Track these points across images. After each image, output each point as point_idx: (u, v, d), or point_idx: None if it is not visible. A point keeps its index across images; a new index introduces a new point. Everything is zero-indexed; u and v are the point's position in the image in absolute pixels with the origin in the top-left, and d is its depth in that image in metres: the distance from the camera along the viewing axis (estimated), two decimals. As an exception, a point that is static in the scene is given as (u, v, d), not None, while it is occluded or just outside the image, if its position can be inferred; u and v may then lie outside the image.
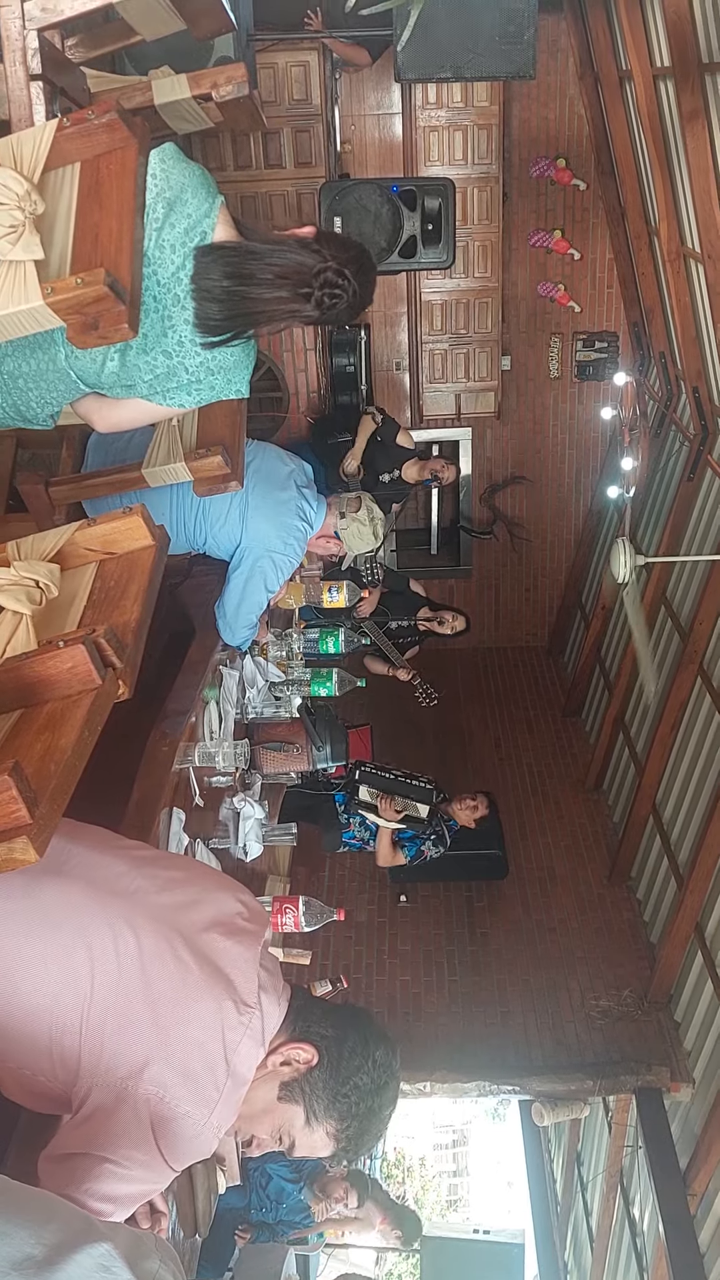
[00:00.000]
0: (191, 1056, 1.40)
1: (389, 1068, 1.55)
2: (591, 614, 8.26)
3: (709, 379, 6.16)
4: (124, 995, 1.40)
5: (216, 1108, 1.42)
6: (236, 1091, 1.46)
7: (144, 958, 1.42)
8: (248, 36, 5.19)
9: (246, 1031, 1.45)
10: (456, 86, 7.19)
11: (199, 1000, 1.43)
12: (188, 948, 1.45)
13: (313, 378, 7.07)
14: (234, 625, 3.39)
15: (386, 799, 5.12)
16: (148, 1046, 1.38)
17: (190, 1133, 1.40)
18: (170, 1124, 1.38)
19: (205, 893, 1.57)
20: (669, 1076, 5.58)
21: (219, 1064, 1.42)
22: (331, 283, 2.04)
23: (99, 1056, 1.38)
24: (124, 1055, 1.38)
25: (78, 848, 1.53)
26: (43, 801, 1.31)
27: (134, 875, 1.53)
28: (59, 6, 2.42)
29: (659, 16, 5.16)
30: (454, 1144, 24.03)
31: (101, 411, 2.26)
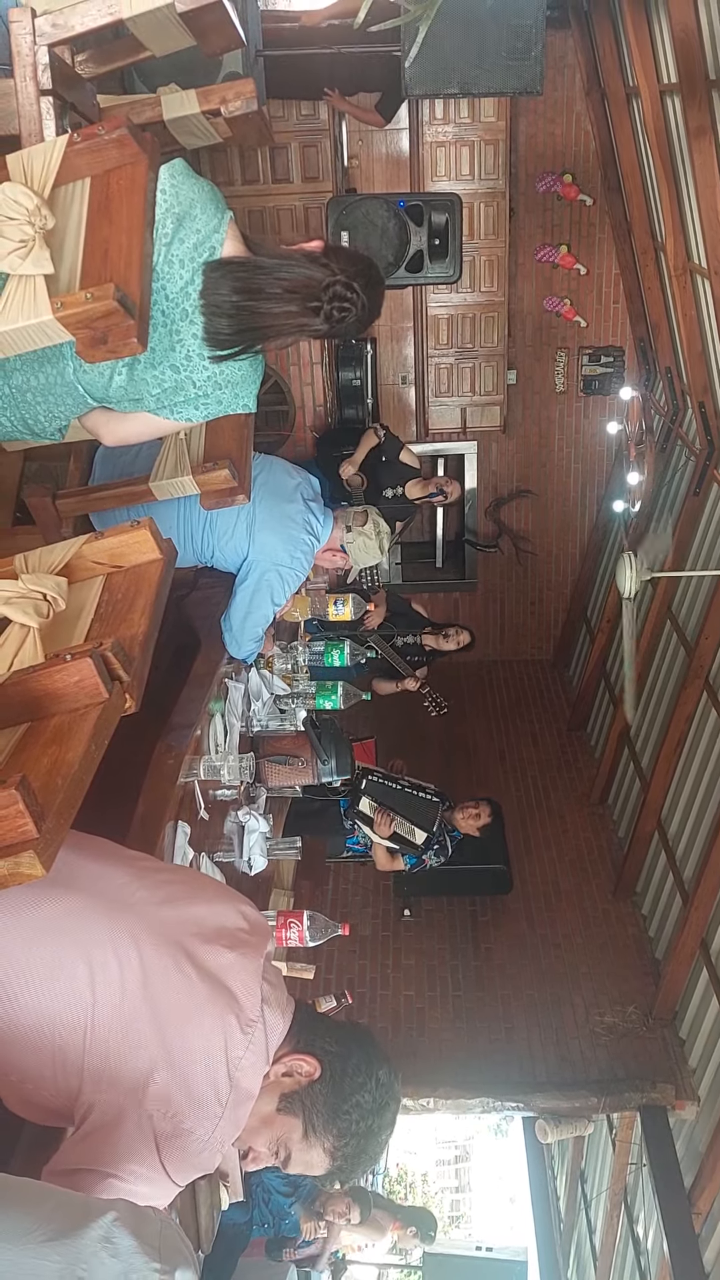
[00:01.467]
0: (195, 1071, 1.40)
1: (390, 1089, 1.54)
2: (596, 628, 8.25)
3: (715, 394, 6.17)
4: (127, 1009, 1.39)
5: (220, 1123, 1.41)
6: (240, 1106, 1.45)
7: (147, 971, 1.42)
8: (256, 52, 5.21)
9: (250, 1045, 1.45)
10: (464, 102, 7.23)
11: (202, 1014, 1.42)
12: (191, 961, 1.45)
13: (319, 391, 7.10)
14: (240, 638, 3.39)
15: (384, 815, 5.10)
16: (151, 1061, 1.38)
17: (194, 1148, 1.39)
18: (173, 1139, 1.37)
19: (208, 905, 1.56)
20: (674, 1094, 5.54)
21: (222, 1079, 1.42)
22: (340, 296, 2.04)
23: (101, 1070, 1.38)
24: (127, 1069, 1.37)
25: (81, 859, 1.53)
26: (49, 816, 1.31)
27: (137, 887, 1.52)
28: (69, 22, 2.44)
29: (666, 33, 5.18)
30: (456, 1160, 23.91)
31: (109, 425, 2.26)
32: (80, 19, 2.42)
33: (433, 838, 5.26)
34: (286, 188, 6.77)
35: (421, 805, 5.24)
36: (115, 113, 2.92)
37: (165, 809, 2.48)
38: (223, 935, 1.51)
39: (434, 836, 5.27)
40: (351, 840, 5.35)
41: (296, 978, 3.48)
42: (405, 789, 5.26)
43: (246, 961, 1.50)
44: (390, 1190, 16.79)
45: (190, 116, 3.09)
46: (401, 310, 7.92)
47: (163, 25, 2.55)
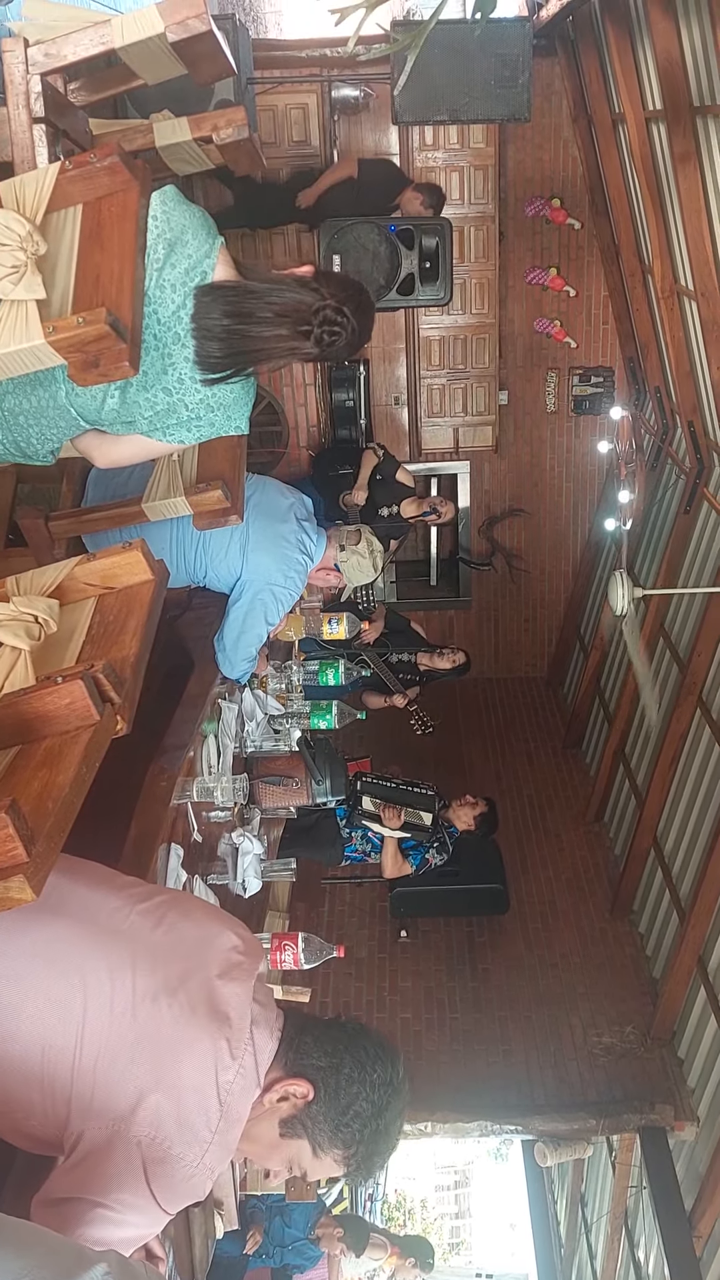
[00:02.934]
0: (184, 1098, 1.39)
1: (390, 1084, 1.53)
2: (590, 645, 8.26)
3: (704, 414, 6.21)
4: (116, 1036, 1.38)
5: (210, 1149, 1.40)
6: (230, 1132, 1.44)
7: (137, 997, 1.41)
8: (247, 80, 5.28)
9: (240, 1071, 1.44)
10: (453, 129, 7.30)
11: (192, 1040, 1.41)
12: (182, 986, 1.44)
13: (312, 412, 7.13)
14: (233, 658, 3.39)
15: (390, 807, 5.10)
16: (139, 1087, 1.37)
17: (183, 1175, 1.38)
18: (163, 1166, 1.36)
19: (200, 929, 1.56)
20: (673, 1115, 5.51)
21: (212, 1105, 1.41)
22: (330, 320, 2.06)
23: (90, 1098, 1.37)
24: (116, 1097, 1.36)
25: (72, 884, 1.52)
26: (39, 839, 1.30)
27: (128, 912, 1.52)
28: (62, 52, 2.47)
29: (650, 61, 5.25)
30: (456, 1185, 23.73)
31: (102, 448, 2.27)
32: (73, 48, 2.45)
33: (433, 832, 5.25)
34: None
35: (419, 798, 5.25)
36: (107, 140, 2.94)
37: (158, 831, 2.47)
38: (214, 959, 1.51)
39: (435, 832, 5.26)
40: (350, 849, 5.32)
41: (292, 1000, 3.46)
42: (400, 786, 5.26)
43: (238, 985, 1.49)
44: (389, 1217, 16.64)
45: (182, 143, 3.13)
46: (394, 332, 7.97)
47: (154, 54, 2.58)
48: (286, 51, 7.06)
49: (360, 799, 5.15)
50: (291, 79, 6.69)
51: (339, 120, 7.16)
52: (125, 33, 2.47)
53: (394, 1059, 1.55)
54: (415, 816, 5.18)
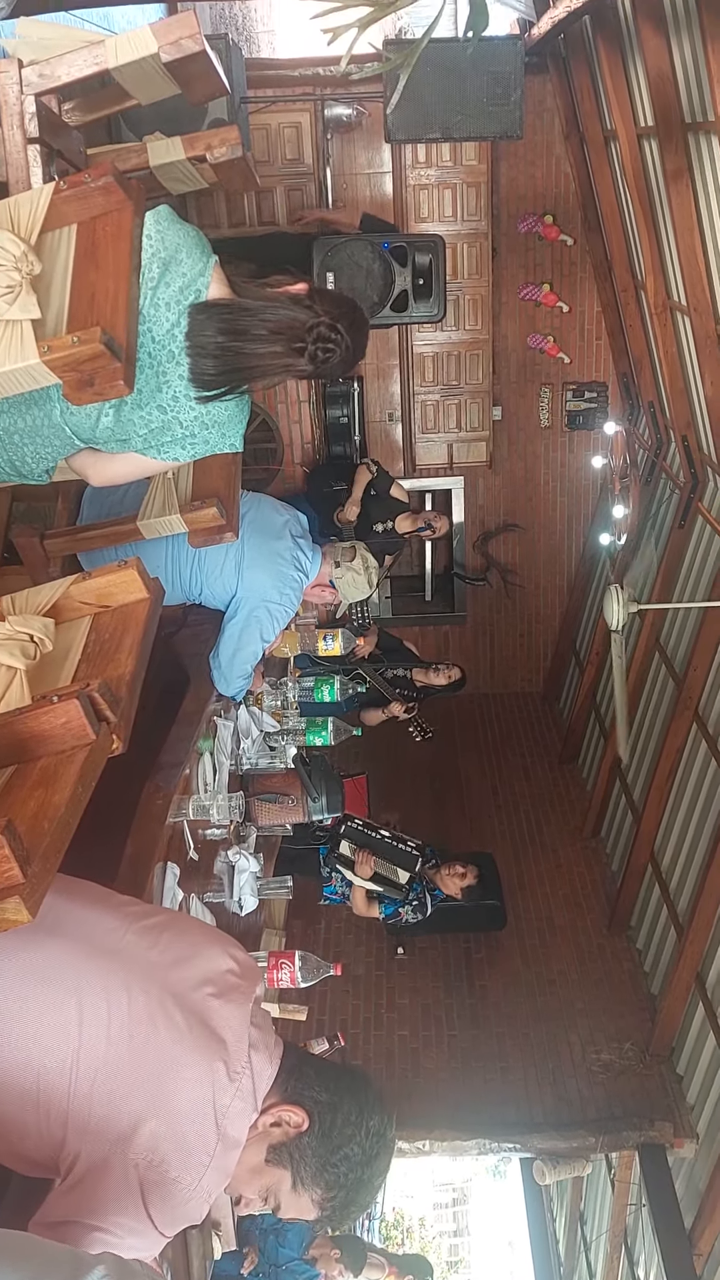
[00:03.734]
0: (182, 1120, 1.38)
1: (382, 1139, 1.51)
2: (586, 660, 8.27)
3: (698, 428, 6.23)
4: (113, 1057, 1.37)
5: (207, 1172, 1.39)
6: (227, 1155, 1.43)
7: (134, 1018, 1.40)
8: (241, 99, 5.30)
9: (238, 1094, 1.43)
10: (446, 146, 7.34)
11: (190, 1063, 1.40)
12: (179, 1007, 1.43)
13: (307, 429, 7.15)
14: (229, 675, 3.38)
15: (364, 854, 5.05)
16: (137, 1110, 1.36)
17: (181, 1198, 1.37)
18: (160, 1189, 1.35)
19: (197, 949, 1.55)
20: (672, 1132, 5.48)
21: (209, 1127, 1.40)
22: (324, 337, 2.07)
23: (87, 1120, 1.35)
24: (112, 1119, 1.35)
25: (68, 904, 1.51)
26: (35, 860, 1.30)
27: (125, 932, 1.51)
28: (56, 72, 2.48)
29: (642, 78, 5.28)
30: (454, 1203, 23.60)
31: (97, 466, 2.27)
32: (67, 69, 2.46)
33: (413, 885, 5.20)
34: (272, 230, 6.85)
35: (402, 855, 5.20)
36: (101, 160, 2.96)
37: (154, 850, 2.46)
38: (211, 980, 1.50)
39: (414, 885, 5.21)
40: (329, 889, 5.29)
41: (289, 1019, 3.44)
42: (386, 839, 5.21)
43: (235, 1007, 1.48)
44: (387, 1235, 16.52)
45: (176, 163, 3.14)
46: (387, 349, 7.99)
47: (148, 75, 2.60)
48: (280, 71, 7.10)
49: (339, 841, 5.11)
50: (285, 98, 6.73)
51: (332, 138, 7.19)
52: (119, 53, 2.49)
53: (389, 1115, 1.54)
54: (390, 871, 5.11)
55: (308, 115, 6.77)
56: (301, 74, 6.91)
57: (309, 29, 2.92)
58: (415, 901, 5.31)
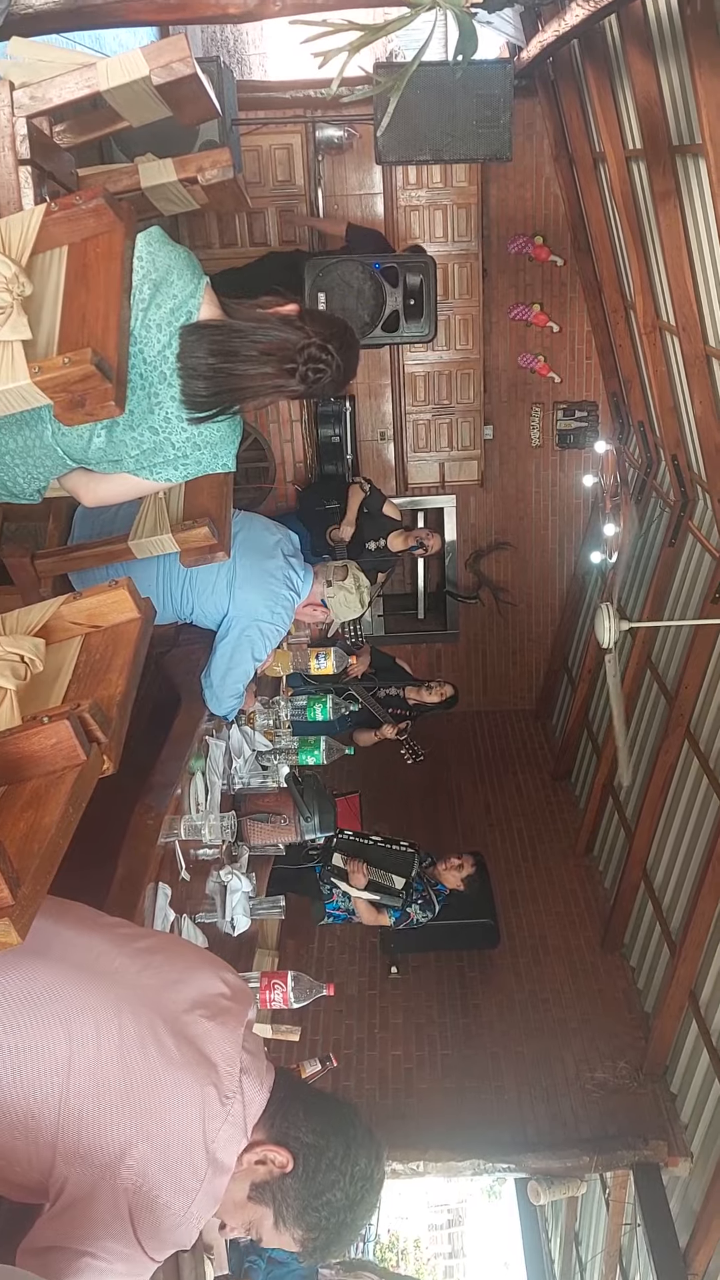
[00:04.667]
0: (172, 1145, 1.36)
1: (369, 1179, 1.49)
2: (578, 677, 8.28)
3: (687, 447, 6.26)
4: (103, 1081, 1.36)
5: (197, 1197, 1.38)
6: (217, 1180, 1.41)
7: (124, 1042, 1.39)
8: (232, 121, 5.34)
9: (228, 1119, 1.42)
10: (436, 168, 7.40)
11: (180, 1087, 1.39)
12: (169, 1031, 1.42)
13: (299, 448, 7.17)
14: (220, 695, 3.38)
15: (356, 863, 5.04)
16: (127, 1134, 1.35)
17: (170, 1223, 1.36)
18: (150, 1214, 1.34)
19: (188, 972, 1.54)
20: (666, 1151, 5.46)
21: (199, 1152, 1.39)
22: (315, 358, 2.07)
23: (76, 1144, 1.34)
24: (102, 1143, 1.34)
25: (58, 927, 1.50)
26: (25, 882, 1.29)
27: (115, 955, 1.50)
28: (47, 95, 2.50)
29: (630, 101, 5.34)
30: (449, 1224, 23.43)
31: (88, 486, 2.28)
32: (58, 91, 2.48)
33: (412, 887, 5.19)
34: (264, 250, 6.89)
35: (395, 856, 5.19)
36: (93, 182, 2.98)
37: (145, 871, 2.45)
38: (203, 1003, 1.49)
39: (413, 887, 5.20)
40: (331, 905, 5.28)
41: (282, 1040, 3.42)
42: (377, 844, 5.21)
43: (227, 1031, 1.47)
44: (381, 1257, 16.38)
45: (168, 184, 3.15)
46: (379, 368, 8.04)
47: (139, 97, 2.61)
48: (271, 93, 7.16)
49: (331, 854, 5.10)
50: (276, 120, 6.78)
51: (323, 160, 7.25)
52: (110, 76, 2.50)
53: (378, 1152, 1.52)
54: (384, 878, 5.10)
55: (299, 137, 6.82)
56: (293, 96, 6.97)
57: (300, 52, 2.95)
58: (421, 900, 5.29)
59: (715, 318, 5.09)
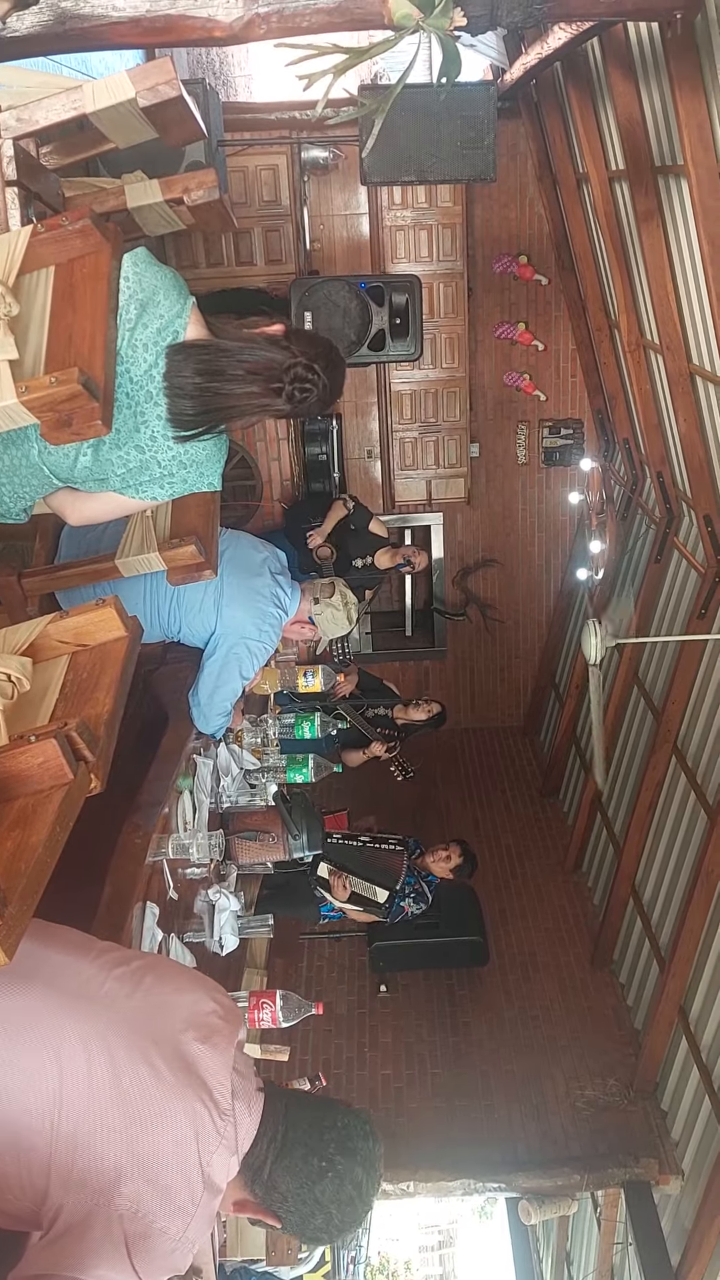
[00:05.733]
0: (166, 1169, 1.36)
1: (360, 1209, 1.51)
2: (565, 694, 8.29)
3: (672, 464, 6.30)
4: (95, 1106, 1.35)
5: (192, 1221, 1.37)
6: (211, 1203, 1.41)
7: (115, 1066, 1.38)
8: (218, 142, 5.37)
9: (221, 1141, 1.42)
10: (421, 188, 7.45)
11: (173, 1110, 1.39)
12: (161, 1053, 1.42)
13: (286, 466, 7.18)
14: (208, 713, 3.38)
15: (338, 876, 5.02)
16: (120, 1159, 1.34)
17: (165, 1248, 1.35)
18: (145, 1240, 1.33)
19: (178, 993, 1.53)
20: (657, 1168, 5.43)
21: (195, 1175, 1.38)
22: (301, 377, 2.09)
23: (69, 1171, 1.33)
24: (95, 1169, 1.33)
25: (44, 950, 1.50)
26: (12, 902, 1.28)
27: (104, 979, 1.49)
28: (34, 117, 2.51)
29: (612, 122, 5.40)
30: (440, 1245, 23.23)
31: (75, 505, 2.28)
32: (45, 114, 2.49)
33: (398, 892, 5.17)
34: (250, 270, 6.93)
35: (383, 858, 5.18)
36: (79, 202, 2.99)
37: (133, 890, 2.44)
38: (193, 1025, 1.48)
39: (400, 890, 5.18)
40: (325, 907, 5.26)
41: (271, 1059, 3.40)
42: (366, 844, 5.19)
43: (217, 1053, 1.47)
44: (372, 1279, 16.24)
45: (154, 205, 3.17)
46: (366, 386, 8.07)
47: (125, 119, 2.62)
48: (256, 114, 7.21)
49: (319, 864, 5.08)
50: (261, 141, 6.82)
51: (309, 180, 7.30)
52: (97, 98, 2.51)
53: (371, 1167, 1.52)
54: (368, 890, 5.07)
55: (284, 158, 6.86)
56: (278, 117, 7.02)
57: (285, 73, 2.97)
58: (414, 893, 5.27)
59: (698, 335, 5.14)
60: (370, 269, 7.66)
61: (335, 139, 7.04)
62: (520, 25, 2.92)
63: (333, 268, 7.65)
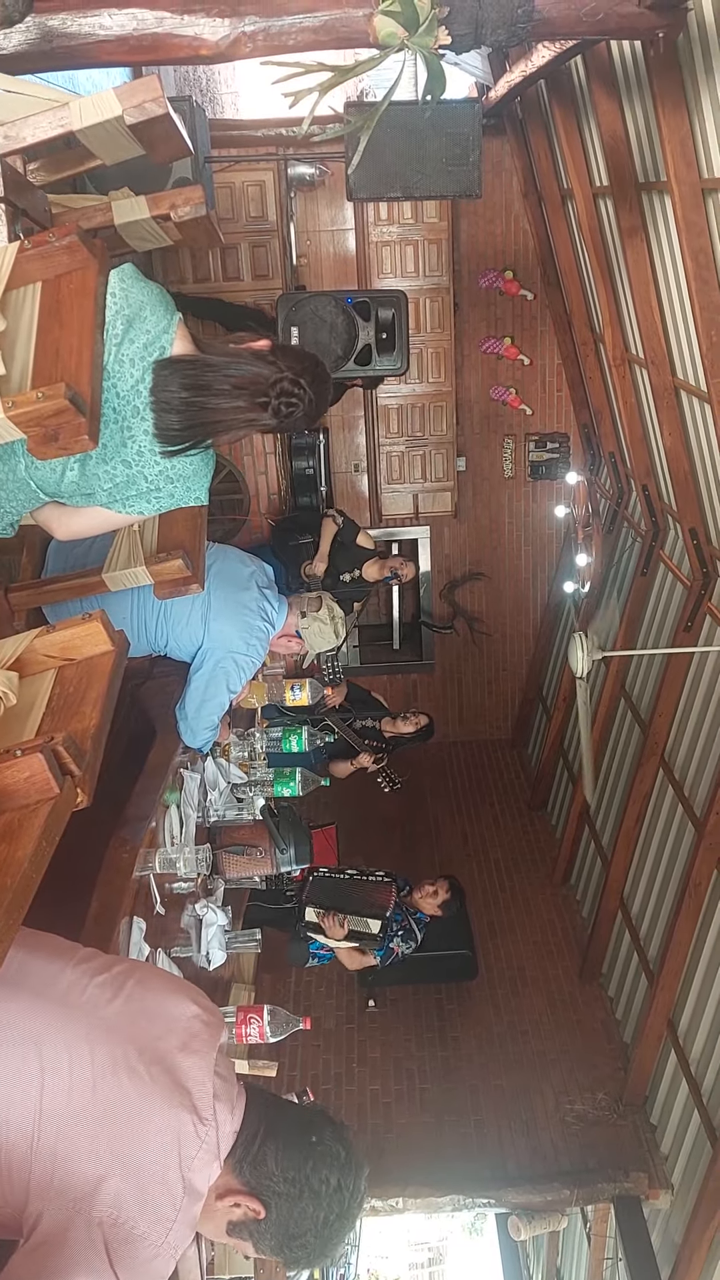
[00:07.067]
0: (147, 1175, 1.36)
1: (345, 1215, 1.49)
2: (553, 706, 8.31)
3: (657, 478, 6.33)
4: (76, 1112, 1.35)
5: (174, 1227, 1.37)
6: (193, 1208, 1.42)
7: (96, 1072, 1.38)
8: (205, 159, 5.39)
9: (203, 1146, 1.42)
10: (407, 204, 7.49)
11: (154, 1116, 1.39)
12: (142, 1058, 1.42)
13: (273, 480, 7.21)
14: (195, 727, 3.37)
15: (330, 916, 4.95)
16: (101, 1165, 1.34)
17: (147, 1254, 1.35)
18: (127, 1247, 1.33)
19: (159, 999, 1.54)
20: (647, 1183, 5.42)
21: (175, 1181, 1.38)
22: (287, 392, 2.09)
23: (50, 1177, 1.33)
24: (77, 1175, 1.33)
25: (28, 958, 1.50)
26: (-2, 916, 1.28)
27: (86, 985, 1.49)
28: (21, 134, 2.52)
29: (596, 139, 5.44)
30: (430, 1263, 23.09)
31: (61, 519, 2.28)
32: (32, 131, 2.50)
33: (390, 923, 5.13)
34: (237, 285, 6.96)
35: (371, 889, 5.14)
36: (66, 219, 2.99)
37: (120, 904, 2.43)
38: (174, 1029, 1.49)
39: (391, 921, 5.14)
40: (315, 945, 5.19)
41: (259, 1075, 3.39)
42: (353, 877, 5.16)
43: (198, 1058, 1.47)
44: (362, 1298, 16.12)
45: (141, 221, 3.18)
46: (353, 400, 8.09)
47: (112, 136, 2.63)
48: (243, 131, 7.25)
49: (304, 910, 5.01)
50: (248, 158, 6.86)
51: (295, 196, 7.33)
52: (84, 115, 2.52)
53: (356, 1176, 1.51)
54: (361, 924, 5.00)
55: (271, 174, 6.90)
56: (265, 134, 7.06)
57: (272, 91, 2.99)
58: (403, 931, 5.23)
59: (683, 350, 5.17)
60: (356, 284, 7.70)
61: (322, 155, 7.08)
62: (504, 44, 2.95)
63: (319, 283, 7.68)
